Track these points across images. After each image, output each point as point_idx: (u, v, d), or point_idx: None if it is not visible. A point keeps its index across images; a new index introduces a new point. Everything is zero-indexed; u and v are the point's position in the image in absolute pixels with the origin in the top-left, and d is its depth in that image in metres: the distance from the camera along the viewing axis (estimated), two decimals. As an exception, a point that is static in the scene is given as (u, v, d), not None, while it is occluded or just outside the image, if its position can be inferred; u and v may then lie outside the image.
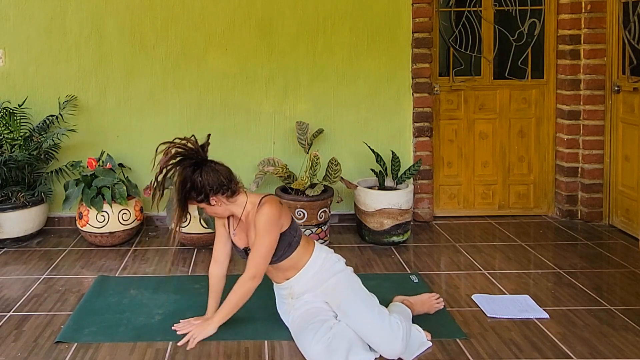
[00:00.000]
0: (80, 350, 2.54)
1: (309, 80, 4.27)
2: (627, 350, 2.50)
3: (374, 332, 2.42)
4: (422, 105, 4.28)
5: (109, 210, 3.80)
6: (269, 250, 2.49)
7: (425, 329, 2.61)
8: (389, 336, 2.40)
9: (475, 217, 4.45)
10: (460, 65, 4.43)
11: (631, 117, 4.00)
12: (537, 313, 2.83)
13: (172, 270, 3.50)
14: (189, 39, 4.22)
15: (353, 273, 2.66)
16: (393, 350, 2.39)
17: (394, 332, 2.40)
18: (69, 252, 3.81)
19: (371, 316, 2.45)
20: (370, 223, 3.85)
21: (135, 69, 4.23)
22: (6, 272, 3.47)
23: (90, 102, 4.25)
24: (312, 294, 2.58)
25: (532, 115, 4.46)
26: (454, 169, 4.48)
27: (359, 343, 2.42)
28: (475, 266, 3.49)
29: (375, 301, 2.55)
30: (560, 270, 3.39)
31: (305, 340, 2.44)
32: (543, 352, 2.49)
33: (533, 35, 4.40)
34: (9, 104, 4.09)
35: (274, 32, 4.24)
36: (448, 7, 4.43)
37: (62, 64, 4.21)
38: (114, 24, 4.20)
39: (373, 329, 2.42)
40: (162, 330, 2.70)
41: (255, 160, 4.19)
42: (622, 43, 4.06)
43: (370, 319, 2.45)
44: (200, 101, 4.27)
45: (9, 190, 3.91)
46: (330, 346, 2.37)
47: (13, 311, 2.94)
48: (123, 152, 4.25)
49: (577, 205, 4.35)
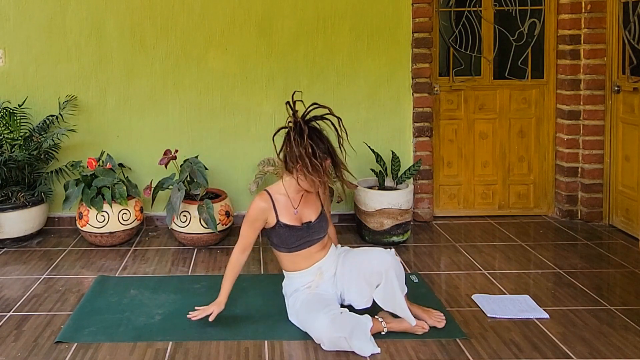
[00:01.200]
0: (80, 350, 2.54)
1: (309, 80, 4.27)
2: (627, 350, 2.50)
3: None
4: (422, 105, 4.28)
5: (109, 210, 3.80)
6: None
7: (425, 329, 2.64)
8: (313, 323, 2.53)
9: (475, 217, 4.45)
10: (460, 65, 4.43)
11: (631, 117, 4.00)
12: (537, 313, 2.83)
13: (172, 270, 3.50)
14: (189, 39, 4.22)
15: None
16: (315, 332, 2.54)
17: (324, 319, 2.49)
18: (69, 252, 3.81)
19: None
20: (370, 223, 3.85)
21: (135, 69, 4.23)
22: (6, 272, 3.47)
23: (90, 102, 4.25)
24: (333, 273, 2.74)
25: (532, 115, 4.46)
26: (454, 169, 4.48)
27: (362, 331, 2.49)
28: (475, 266, 3.49)
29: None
30: (560, 270, 3.39)
31: (311, 317, 2.54)
32: (543, 352, 2.49)
33: (533, 35, 4.40)
34: (9, 104, 4.09)
35: (274, 32, 4.24)
36: (448, 7, 4.43)
37: (62, 64, 4.21)
38: (114, 24, 4.20)
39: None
40: (162, 330, 2.71)
41: (255, 160, 4.19)
42: (622, 43, 4.06)
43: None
44: (200, 101, 4.27)
45: (9, 190, 3.91)
46: (335, 322, 2.47)
47: (13, 311, 2.94)
48: (123, 152, 4.25)
49: (577, 205, 4.35)
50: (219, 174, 4.27)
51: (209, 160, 4.16)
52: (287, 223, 2.68)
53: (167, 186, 3.86)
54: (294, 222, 2.69)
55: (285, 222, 2.68)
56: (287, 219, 2.69)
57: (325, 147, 2.64)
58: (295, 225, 2.69)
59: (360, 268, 2.61)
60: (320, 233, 2.74)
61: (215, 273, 3.41)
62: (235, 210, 4.11)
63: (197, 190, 3.83)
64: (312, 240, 2.72)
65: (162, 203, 4.13)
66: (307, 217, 2.72)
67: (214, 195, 3.97)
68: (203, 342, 2.59)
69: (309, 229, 2.70)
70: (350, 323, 2.50)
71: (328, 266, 2.74)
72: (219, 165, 4.28)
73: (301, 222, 2.71)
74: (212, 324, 2.72)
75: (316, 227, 2.72)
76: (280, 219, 2.68)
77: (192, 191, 3.84)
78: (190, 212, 3.77)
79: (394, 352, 2.50)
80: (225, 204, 3.90)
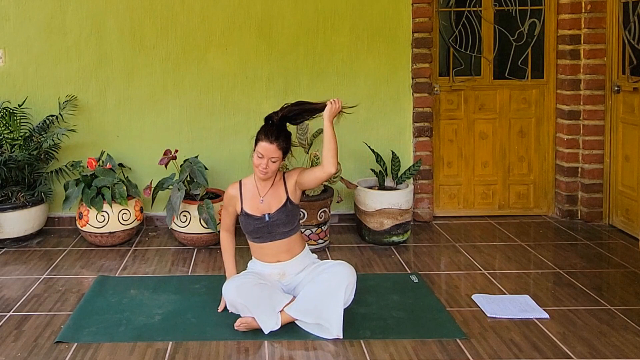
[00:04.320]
0: (80, 350, 2.54)
1: (309, 80, 4.27)
2: (627, 350, 2.50)
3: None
4: (422, 105, 4.28)
5: (109, 210, 3.80)
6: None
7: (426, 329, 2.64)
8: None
9: (475, 217, 4.45)
10: (460, 65, 4.43)
11: (631, 117, 4.00)
12: (537, 313, 2.83)
13: (172, 270, 3.50)
14: (189, 39, 4.22)
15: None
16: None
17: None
18: (69, 252, 3.81)
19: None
20: (370, 223, 3.85)
21: (135, 69, 4.23)
22: (6, 272, 3.47)
23: (90, 102, 4.25)
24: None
25: (532, 115, 4.46)
26: (454, 169, 4.48)
27: (271, 305, 2.68)
28: (475, 266, 3.49)
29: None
30: (560, 270, 3.39)
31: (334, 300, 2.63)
32: (543, 352, 2.49)
33: (533, 35, 4.40)
34: (9, 104, 4.09)
35: (274, 32, 4.24)
36: (448, 7, 4.43)
37: (62, 64, 4.21)
38: (114, 24, 4.20)
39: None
40: (162, 330, 2.71)
41: (255, 160, 4.19)
42: (622, 43, 4.06)
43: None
44: (200, 101, 4.27)
45: (9, 190, 3.91)
46: (240, 289, 2.71)
47: (13, 311, 2.94)
48: (123, 152, 4.25)
49: (577, 205, 4.35)
50: (219, 174, 4.27)
51: (209, 160, 4.16)
52: (248, 212, 2.85)
53: (167, 186, 3.86)
54: (255, 212, 2.84)
55: (246, 211, 2.86)
56: (250, 208, 2.86)
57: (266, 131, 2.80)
58: (254, 215, 2.83)
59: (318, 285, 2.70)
60: (282, 227, 2.82)
61: (215, 273, 3.41)
62: (235, 210, 4.11)
63: (197, 190, 3.83)
64: (273, 232, 2.82)
65: (162, 203, 4.13)
66: (268, 208, 2.84)
67: (214, 195, 3.97)
68: (203, 342, 2.60)
69: (268, 219, 2.81)
70: (260, 296, 2.64)
71: (292, 271, 2.85)
72: (219, 165, 4.28)
73: (262, 212, 2.82)
74: (212, 324, 2.73)
75: (276, 219, 2.81)
76: (244, 207, 2.87)
77: (192, 191, 3.84)
78: (190, 212, 3.77)
79: (393, 352, 2.50)
80: (225, 204, 3.90)
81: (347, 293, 2.65)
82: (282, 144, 2.77)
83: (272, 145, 2.74)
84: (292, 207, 2.86)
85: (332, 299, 2.61)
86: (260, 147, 2.76)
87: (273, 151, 2.75)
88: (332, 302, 2.61)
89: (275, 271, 2.85)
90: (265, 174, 2.78)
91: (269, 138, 2.75)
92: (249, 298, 2.65)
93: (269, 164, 2.76)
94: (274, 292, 2.72)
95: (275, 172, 2.83)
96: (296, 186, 2.87)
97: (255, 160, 2.78)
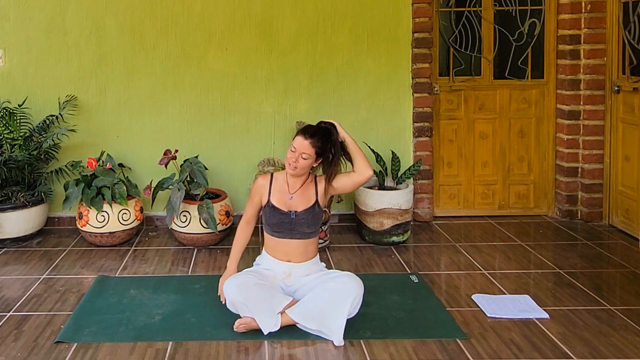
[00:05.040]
0: (80, 350, 2.54)
1: (309, 80, 4.27)
2: (627, 350, 2.50)
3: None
4: (422, 105, 4.28)
5: (109, 210, 3.80)
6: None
7: (426, 329, 2.64)
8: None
9: (475, 217, 4.45)
10: (460, 65, 4.43)
11: (631, 117, 4.00)
12: (537, 313, 2.83)
13: (172, 270, 3.50)
14: (189, 39, 4.22)
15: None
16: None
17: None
18: (69, 252, 3.81)
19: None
20: (370, 223, 3.85)
21: (135, 69, 4.23)
22: (6, 272, 3.47)
23: (90, 102, 4.25)
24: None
25: (532, 115, 4.46)
26: (454, 169, 4.48)
27: (271, 307, 2.68)
28: (475, 266, 3.49)
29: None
30: (560, 270, 3.39)
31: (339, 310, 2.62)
32: (543, 352, 2.49)
33: (533, 35, 4.40)
34: (9, 104, 4.09)
35: (274, 32, 4.24)
36: (448, 7, 4.43)
37: (62, 64, 4.21)
38: (114, 24, 4.20)
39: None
40: (162, 330, 2.71)
41: (255, 160, 4.19)
42: (622, 43, 4.06)
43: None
44: (200, 101, 4.27)
45: (9, 190, 3.91)
46: (241, 287, 2.71)
47: (13, 311, 2.94)
48: (123, 152, 4.25)
49: (577, 205, 4.35)
50: (219, 174, 4.27)
51: (209, 160, 4.16)
52: (275, 205, 2.86)
53: (167, 186, 3.86)
54: (282, 206, 2.86)
55: (273, 203, 2.87)
56: (277, 201, 2.87)
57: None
58: (281, 209, 2.85)
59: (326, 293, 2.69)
60: (305, 227, 2.84)
61: (215, 273, 3.41)
62: (235, 210, 4.11)
63: (197, 190, 3.83)
64: (294, 230, 2.83)
65: (162, 203, 4.13)
66: (296, 206, 2.86)
67: (214, 195, 3.97)
68: (203, 342, 2.60)
69: (294, 217, 2.82)
70: (260, 296, 2.64)
71: (298, 273, 2.85)
72: (219, 165, 4.28)
73: (289, 208, 2.85)
74: (212, 324, 2.73)
75: (302, 218, 2.83)
76: (271, 199, 2.88)
77: (192, 191, 3.84)
78: (190, 212, 3.77)
79: (393, 352, 2.50)
80: (225, 204, 3.90)
81: (353, 306, 2.63)
82: (316, 143, 2.78)
83: (306, 141, 2.77)
84: (319, 210, 2.89)
85: (336, 309, 2.60)
86: (295, 141, 2.81)
87: (306, 147, 2.77)
88: (336, 312, 2.60)
89: (282, 269, 2.85)
90: (294, 169, 2.80)
91: (305, 134, 2.80)
92: (249, 297, 2.65)
93: (299, 159, 2.78)
94: (275, 293, 2.71)
95: (305, 170, 2.84)
96: (327, 190, 2.90)
97: (288, 154, 2.82)
